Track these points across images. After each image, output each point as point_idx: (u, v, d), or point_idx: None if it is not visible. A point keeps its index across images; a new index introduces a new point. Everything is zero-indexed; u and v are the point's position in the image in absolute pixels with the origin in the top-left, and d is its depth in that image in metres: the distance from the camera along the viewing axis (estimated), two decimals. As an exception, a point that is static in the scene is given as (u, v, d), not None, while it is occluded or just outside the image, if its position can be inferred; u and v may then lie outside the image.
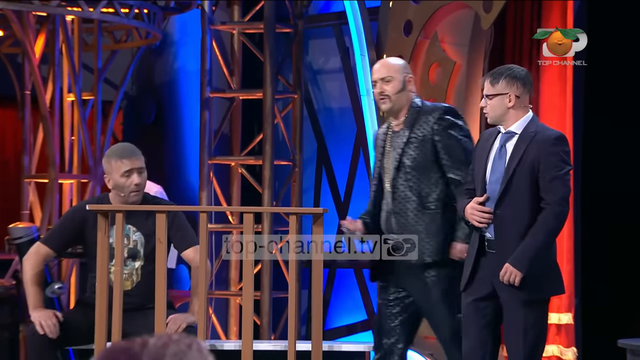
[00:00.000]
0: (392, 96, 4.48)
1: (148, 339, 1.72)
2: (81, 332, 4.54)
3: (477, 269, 4.28)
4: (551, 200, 4.17)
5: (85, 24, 8.21)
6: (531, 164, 4.19)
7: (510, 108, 4.25)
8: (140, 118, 9.16)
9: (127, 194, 4.57)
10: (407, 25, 6.83)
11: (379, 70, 4.54)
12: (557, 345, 6.22)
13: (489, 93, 4.28)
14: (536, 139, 4.22)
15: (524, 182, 4.20)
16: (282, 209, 4.42)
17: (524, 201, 4.19)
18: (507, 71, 4.29)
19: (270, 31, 7.87)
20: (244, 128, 8.34)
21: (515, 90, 4.25)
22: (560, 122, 6.30)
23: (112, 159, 4.58)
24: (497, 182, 4.24)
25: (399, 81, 4.50)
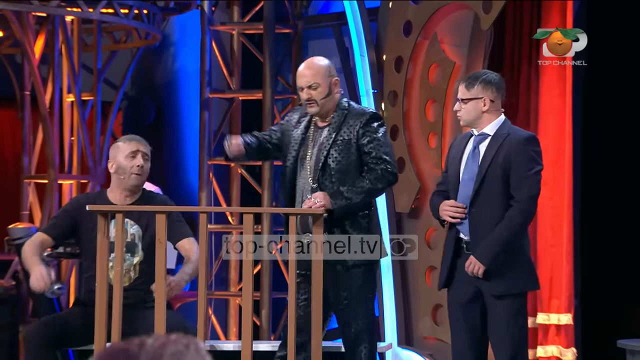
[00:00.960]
0: (319, 101, 4.48)
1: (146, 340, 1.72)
2: (79, 332, 4.54)
3: (454, 270, 4.40)
4: (519, 198, 4.29)
5: (85, 25, 8.22)
6: (503, 164, 4.31)
7: (485, 112, 4.38)
8: (139, 119, 9.16)
9: (128, 175, 4.58)
10: (406, 25, 6.83)
11: (304, 77, 4.50)
12: (557, 346, 6.23)
13: (464, 97, 4.40)
14: (508, 140, 4.34)
15: (496, 182, 4.31)
16: (281, 210, 4.42)
17: (497, 200, 4.31)
18: (482, 76, 4.42)
19: (270, 32, 7.87)
20: (244, 129, 8.34)
21: (490, 95, 4.38)
22: (559, 124, 6.31)
23: (119, 142, 4.65)
24: (471, 182, 4.36)
25: (325, 86, 4.50)
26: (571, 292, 6.27)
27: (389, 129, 6.91)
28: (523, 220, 4.32)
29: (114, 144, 4.72)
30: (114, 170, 4.62)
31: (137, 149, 4.61)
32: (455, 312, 4.43)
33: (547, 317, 6.25)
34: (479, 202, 4.34)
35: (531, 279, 4.43)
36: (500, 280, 4.33)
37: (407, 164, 6.78)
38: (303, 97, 4.51)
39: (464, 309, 4.39)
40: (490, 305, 4.36)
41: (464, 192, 4.38)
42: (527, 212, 4.32)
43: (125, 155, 4.59)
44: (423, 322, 6.68)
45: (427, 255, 6.63)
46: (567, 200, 6.25)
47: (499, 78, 4.44)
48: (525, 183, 4.30)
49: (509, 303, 4.34)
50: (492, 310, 4.36)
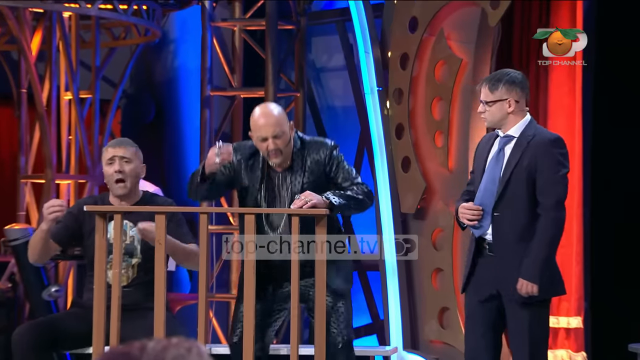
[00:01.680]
0: (283, 149, 4.45)
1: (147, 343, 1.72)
2: (74, 334, 4.54)
3: (475, 271, 4.40)
4: (547, 205, 4.28)
5: (83, 21, 8.22)
6: (528, 167, 4.30)
7: (510, 113, 4.36)
8: (139, 117, 9.16)
9: (111, 184, 4.56)
10: (412, 22, 6.83)
11: (268, 127, 4.40)
12: (567, 350, 6.22)
13: (488, 100, 4.38)
14: (533, 142, 4.33)
15: (521, 185, 4.31)
16: (284, 210, 4.42)
17: (521, 203, 4.31)
18: (505, 77, 4.38)
19: (272, 28, 7.87)
20: (246, 127, 8.31)
21: (515, 96, 4.36)
22: (569, 122, 6.31)
23: (105, 149, 4.64)
24: (493, 185, 4.35)
25: (287, 133, 4.47)
26: (581, 294, 6.26)
27: (394, 128, 6.91)
28: (557, 230, 4.31)
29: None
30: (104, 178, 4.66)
31: (113, 155, 4.56)
32: (472, 309, 4.40)
33: (557, 320, 6.24)
34: (502, 206, 4.33)
35: (558, 284, 4.40)
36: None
37: (413, 163, 6.78)
38: (268, 147, 4.41)
39: (482, 307, 4.37)
40: (513, 310, 4.33)
41: (486, 194, 4.37)
42: (559, 219, 4.31)
43: (105, 163, 4.59)
44: (429, 326, 6.68)
45: (433, 256, 6.63)
46: (577, 200, 6.25)
47: (522, 77, 4.42)
48: (552, 187, 4.29)
49: (533, 309, 4.31)
50: (514, 315, 4.33)
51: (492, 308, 4.36)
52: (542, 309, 4.36)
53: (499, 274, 4.33)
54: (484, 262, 4.38)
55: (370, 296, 7.85)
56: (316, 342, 4.23)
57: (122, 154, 4.58)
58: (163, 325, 4.21)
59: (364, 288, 7.85)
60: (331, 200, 4.29)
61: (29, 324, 4.67)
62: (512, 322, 4.34)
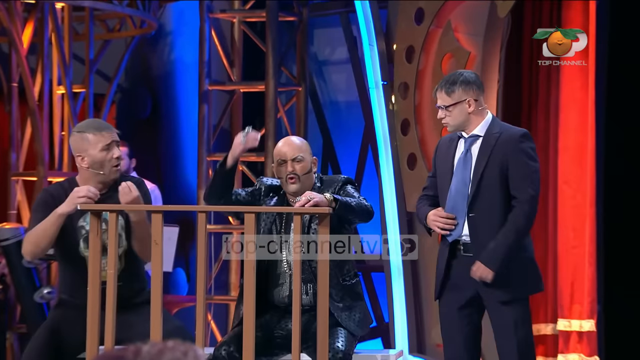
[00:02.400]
0: (301, 176, 4.49)
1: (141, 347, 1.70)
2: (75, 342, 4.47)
3: (450, 274, 4.47)
4: (522, 199, 4.37)
5: (76, 12, 8.20)
6: (499, 164, 4.39)
7: (471, 113, 4.45)
8: (134, 112, 9.14)
9: (109, 169, 4.47)
10: (418, 13, 6.81)
11: (289, 149, 4.52)
12: (579, 354, 6.21)
13: (447, 104, 4.47)
14: (502, 139, 4.42)
15: (494, 183, 4.39)
16: (285, 209, 4.41)
17: (496, 202, 4.40)
18: (459, 77, 4.49)
19: (273, 20, 7.85)
20: (245, 123, 8.30)
21: (473, 95, 4.47)
22: (581, 118, 6.28)
23: (87, 133, 4.45)
24: (465, 186, 4.43)
25: (308, 162, 4.53)
26: (594, 296, 6.24)
27: (400, 123, 6.89)
28: (527, 222, 4.40)
29: (80, 133, 4.48)
30: (88, 164, 4.45)
31: (111, 140, 4.48)
32: (449, 317, 4.49)
33: (569, 323, 6.23)
34: (477, 206, 4.42)
35: (536, 281, 4.51)
36: (505, 286, 4.40)
37: (419, 160, 6.76)
38: (285, 171, 4.50)
39: (460, 314, 4.46)
40: (494, 310, 4.43)
41: (458, 196, 4.44)
42: (531, 213, 4.40)
43: (99, 149, 4.45)
44: (436, 329, 6.66)
45: (440, 257, 6.61)
46: (590, 199, 6.23)
47: (475, 75, 4.54)
48: (527, 182, 4.39)
49: (515, 307, 4.41)
50: (496, 315, 4.43)
51: (472, 313, 4.46)
52: (524, 306, 4.45)
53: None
54: (460, 264, 4.46)
55: (374, 298, 7.83)
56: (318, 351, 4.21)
57: (117, 139, 4.54)
58: (160, 327, 4.19)
59: (368, 290, 7.83)
60: (334, 197, 4.29)
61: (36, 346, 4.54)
62: (497, 323, 4.43)
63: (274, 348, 4.54)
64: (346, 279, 4.53)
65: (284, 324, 4.52)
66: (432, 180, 4.62)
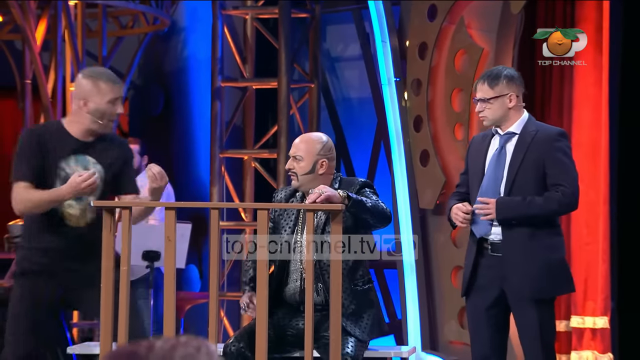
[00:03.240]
0: (299, 176, 4.50)
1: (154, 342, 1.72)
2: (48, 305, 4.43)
3: (477, 275, 4.47)
4: (567, 192, 4.37)
5: (89, 9, 8.23)
6: (535, 163, 4.38)
7: (511, 109, 4.44)
8: (147, 109, 9.17)
9: (107, 122, 4.44)
10: (431, 9, 6.80)
11: (294, 146, 4.58)
12: (592, 351, 6.20)
13: (488, 96, 4.45)
14: (538, 137, 4.41)
15: (528, 182, 4.39)
16: (298, 206, 4.41)
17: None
18: (503, 72, 4.49)
19: (286, 16, 7.86)
20: (258, 119, 8.34)
21: (515, 90, 4.46)
22: (595, 114, 6.27)
23: (101, 82, 4.40)
24: (497, 183, 4.42)
25: (309, 162, 4.50)
26: (607, 293, 6.23)
27: (412, 120, 6.89)
28: (559, 209, 4.40)
29: (93, 78, 4.41)
30: (87, 111, 4.39)
31: (120, 95, 4.45)
32: (477, 317, 4.48)
33: (582, 320, 6.22)
34: None
35: (567, 282, 4.48)
36: (533, 283, 4.36)
37: (432, 157, 6.76)
38: (287, 165, 4.58)
39: (487, 313, 4.45)
40: (519, 309, 4.42)
41: (489, 194, 4.43)
42: (568, 205, 4.40)
43: (107, 100, 4.39)
44: (449, 326, 6.67)
45: (453, 254, 6.61)
46: (603, 195, 6.22)
47: (517, 73, 4.54)
48: (569, 178, 4.39)
49: (541, 307, 4.40)
50: (523, 314, 4.41)
51: (498, 313, 4.45)
52: (550, 306, 4.46)
53: (504, 274, 4.40)
54: (487, 263, 4.45)
55: (387, 295, 7.83)
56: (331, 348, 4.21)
57: (122, 95, 4.55)
58: (173, 323, 4.21)
59: (381, 287, 7.83)
60: (348, 194, 4.28)
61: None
62: (522, 322, 4.42)
63: (285, 346, 4.55)
64: (358, 284, 4.52)
65: (295, 323, 4.52)
66: (464, 178, 4.61)
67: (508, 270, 4.40)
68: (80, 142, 4.41)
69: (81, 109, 4.41)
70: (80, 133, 4.43)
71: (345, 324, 4.39)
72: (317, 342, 4.37)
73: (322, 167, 4.52)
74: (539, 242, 4.40)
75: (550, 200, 4.36)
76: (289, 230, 4.55)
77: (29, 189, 4.36)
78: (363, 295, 4.51)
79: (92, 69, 4.59)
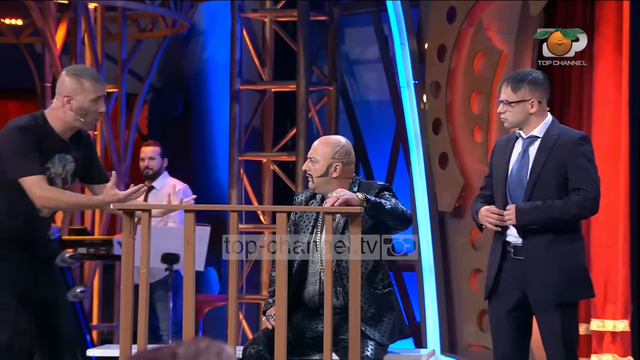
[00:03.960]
0: (314, 178, 4.49)
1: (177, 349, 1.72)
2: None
3: (500, 277, 4.45)
4: (585, 194, 4.35)
5: (109, 12, 8.24)
6: (557, 166, 4.36)
7: (532, 114, 4.42)
8: (166, 111, 9.18)
9: (90, 121, 4.46)
10: (450, 12, 6.79)
11: (312, 147, 4.58)
12: (612, 355, 6.17)
13: (510, 100, 4.43)
14: (560, 141, 4.39)
15: (550, 185, 4.37)
16: (316, 208, 4.41)
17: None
18: (528, 76, 4.45)
19: (304, 19, 7.86)
20: (276, 122, 8.34)
21: (538, 96, 4.43)
22: (615, 116, 6.24)
23: (85, 80, 4.42)
24: (522, 187, 4.40)
25: (323, 165, 4.49)
26: (628, 296, 6.20)
27: (431, 123, 6.88)
28: (579, 212, 4.37)
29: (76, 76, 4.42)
30: (70, 108, 4.41)
31: (104, 93, 4.48)
32: (499, 320, 4.47)
33: (602, 323, 6.19)
34: None
35: (587, 287, 4.46)
36: (553, 288, 4.34)
37: (451, 159, 6.74)
38: (303, 166, 4.59)
39: (509, 316, 4.44)
40: (541, 313, 4.40)
41: (514, 197, 4.42)
42: (589, 208, 4.38)
43: (91, 99, 4.41)
44: (468, 328, 6.64)
45: (472, 257, 6.59)
46: (623, 198, 6.19)
47: (544, 77, 4.50)
48: (591, 183, 4.38)
49: (564, 312, 4.38)
50: (544, 318, 4.40)
51: (520, 316, 4.43)
52: (572, 310, 4.43)
53: (526, 278, 4.39)
54: (510, 267, 4.44)
55: (406, 298, 7.82)
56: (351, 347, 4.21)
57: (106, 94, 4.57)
58: (192, 326, 4.21)
59: (400, 289, 7.82)
60: (366, 197, 4.27)
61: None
62: (544, 326, 4.40)
63: (304, 348, 4.54)
64: (378, 288, 4.50)
65: (315, 325, 4.51)
66: (488, 181, 4.59)
67: (528, 274, 4.39)
68: (62, 141, 4.46)
69: (64, 106, 4.43)
70: (62, 130, 4.46)
71: (364, 328, 4.38)
72: (336, 345, 4.37)
73: (336, 170, 4.50)
74: (560, 246, 4.39)
75: (571, 203, 4.34)
76: (307, 232, 4.55)
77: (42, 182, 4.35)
78: (383, 299, 4.50)
79: (76, 67, 4.62)
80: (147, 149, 6.97)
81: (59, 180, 4.43)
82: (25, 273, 4.40)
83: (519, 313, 4.43)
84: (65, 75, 4.47)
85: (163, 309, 6.75)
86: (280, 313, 4.18)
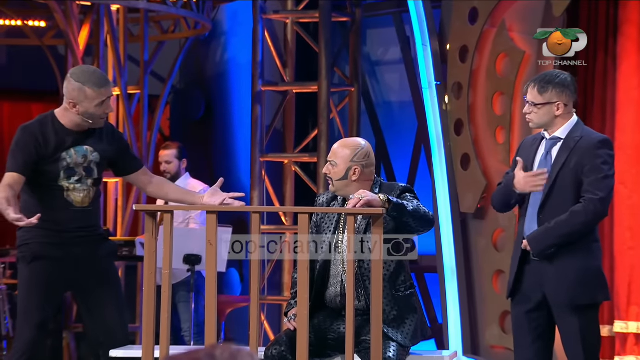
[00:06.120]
0: (334, 181, 4.47)
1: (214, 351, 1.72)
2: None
3: (522, 277, 4.43)
4: (589, 198, 4.30)
5: (131, 14, 8.26)
6: (575, 168, 4.33)
7: (557, 117, 4.40)
8: (188, 113, 9.20)
9: (97, 121, 4.59)
10: (472, 12, 6.76)
11: (332, 150, 4.54)
12: (636, 357, 6.13)
13: (536, 102, 4.40)
14: (581, 143, 4.36)
15: (567, 187, 4.34)
16: (338, 210, 4.40)
17: (567, 205, 4.33)
18: (555, 79, 4.41)
19: (326, 20, 7.85)
20: (298, 123, 8.33)
21: (564, 99, 4.39)
22: (638, 116, 6.21)
23: (87, 88, 4.52)
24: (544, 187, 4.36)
25: (342, 169, 4.47)
26: (652, 297, 6.17)
27: (453, 124, 6.86)
28: (586, 219, 4.31)
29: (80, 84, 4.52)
30: (77, 112, 4.54)
31: (107, 96, 4.57)
32: (520, 321, 4.45)
33: (626, 325, 6.15)
34: (548, 208, 4.37)
35: (601, 290, 4.42)
36: (569, 290, 4.33)
37: (473, 160, 6.72)
38: (324, 170, 4.58)
39: (529, 317, 4.42)
40: (560, 315, 4.38)
41: (535, 198, 4.39)
42: (595, 213, 4.32)
43: (95, 104, 4.53)
44: (490, 330, 6.62)
45: (494, 258, 6.57)
46: (647, 199, 6.15)
47: (571, 79, 4.46)
48: (599, 185, 4.32)
49: (584, 313, 4.36)
50: (565, 321, 4.38)
51: (540, 317, 4.40)
52: (592, 312, 4.40)
53: (545, 279, 4.37)
54: (530, 268, 4.42)
55: (428, 299, 7.80)
56: (373, 349, 4.20)
57: (112, 94, 4.69)
58: (214, 327, 4.21)
59: (422, 291, 7.80)
60: (388, 198, 4.26)
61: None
62: (565, 329, 4.38)
63: (326, 349, 4.53)
64: (400, 290, 4.48)
65: (337, 326, 4.50)
66: (508, 177, 4.53)
67: (546, 276, 4.37)
68: (76, 133, 4.59)
69: (71, 110, 4.57)
70: (74, 126, 4.60)
71: (387, 330, 4.36)
72: (358, 346, 4.35)
73: (355, 173, 4.48)
74: (576, 248, 4.36)
75: (576, 213, 4.30)
76: (330, 234, 4.54)
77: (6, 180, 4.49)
78: (405, 300, 4.48)
79: (81, 71, 4.66)
80: (163, 153, 6.99)
81: (81, 169, 4.57)
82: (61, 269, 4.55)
83: (539, 314, 4.40)
84: (69, 81, 4.58)
85: (185, 310, 6.76)
86: (302, 314, 4.18)
